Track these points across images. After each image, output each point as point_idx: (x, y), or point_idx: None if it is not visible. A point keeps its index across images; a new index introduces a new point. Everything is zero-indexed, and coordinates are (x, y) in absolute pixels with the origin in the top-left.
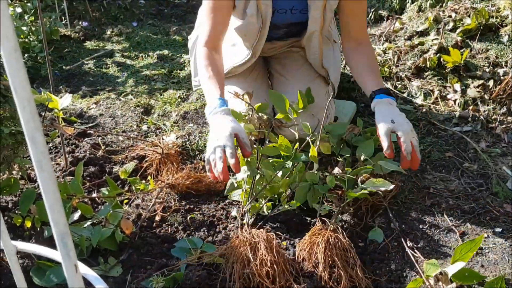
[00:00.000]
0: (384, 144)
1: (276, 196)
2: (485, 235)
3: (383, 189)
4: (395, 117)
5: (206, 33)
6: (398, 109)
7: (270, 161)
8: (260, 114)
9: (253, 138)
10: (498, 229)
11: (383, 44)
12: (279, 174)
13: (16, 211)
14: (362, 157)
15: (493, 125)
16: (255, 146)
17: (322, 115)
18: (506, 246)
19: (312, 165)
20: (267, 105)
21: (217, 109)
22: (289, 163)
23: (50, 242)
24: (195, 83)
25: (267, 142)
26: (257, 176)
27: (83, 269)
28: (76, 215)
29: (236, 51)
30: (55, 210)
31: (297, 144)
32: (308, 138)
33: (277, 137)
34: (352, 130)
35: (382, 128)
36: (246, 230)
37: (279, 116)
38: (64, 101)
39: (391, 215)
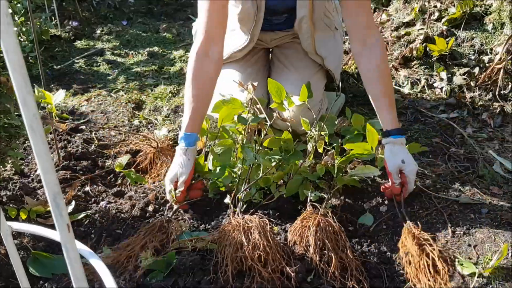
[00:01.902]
0: (396, 181)
1: (267, 185)
2: (472, 216)
3: (371, 175)
4: (405, 157)
5: (203, 26)
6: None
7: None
8: (258, 106)
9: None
10: (485, 210)
11: None
12: (273, 164)
13: (11, 204)
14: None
15: (479, 111)
16: (254, 137)
17: (317, 110)
18: (492, 226)
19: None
20: (265, 101)
21: (179, 143)
22: (289, 159)
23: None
24: None
25: (263, 134)
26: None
27: (77, 245)
28: (70, 208)
29: (235, 37)
30: (47, 170)
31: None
32: (307, 136)
33: (271, 128)
34: (342, 123)
35: (392, 167)
36: (238, 216)
37: (273, 105)
38: (57, 97)
39: (379, 200)
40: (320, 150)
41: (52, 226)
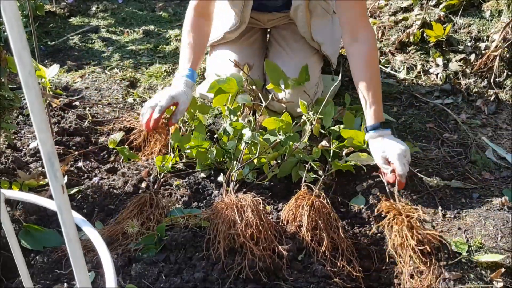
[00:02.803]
0: (387, 170)
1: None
2: (463, 200)
3: (365, 163)
4: (385, 146)
5: None
6: (392, 135)
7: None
8: (254, 87)
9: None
10: (476, 195)
11: None
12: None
13: (3, 177)
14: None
15: (474, 97)
16: (249, 117)
17: (312, 93)
18: (482, 210)
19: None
20: (261, 83)
21: (181, 77)
22: (285, 140)
23: (37, 208)
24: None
25: (258, 115)
26: (243, 145)
27: None
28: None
29: (228, 18)
30: (42, 130)
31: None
32: (302, 119)
33: (266, 109)
34: (342, 113)
35: (377, 159)
36: (232, 194)
37: (270, 86)
38: (51, 71)
39: (372, 183)
40: (316, 134)
41: None
